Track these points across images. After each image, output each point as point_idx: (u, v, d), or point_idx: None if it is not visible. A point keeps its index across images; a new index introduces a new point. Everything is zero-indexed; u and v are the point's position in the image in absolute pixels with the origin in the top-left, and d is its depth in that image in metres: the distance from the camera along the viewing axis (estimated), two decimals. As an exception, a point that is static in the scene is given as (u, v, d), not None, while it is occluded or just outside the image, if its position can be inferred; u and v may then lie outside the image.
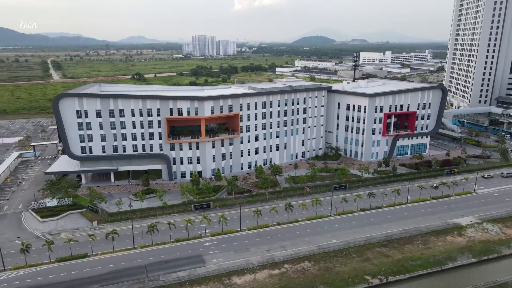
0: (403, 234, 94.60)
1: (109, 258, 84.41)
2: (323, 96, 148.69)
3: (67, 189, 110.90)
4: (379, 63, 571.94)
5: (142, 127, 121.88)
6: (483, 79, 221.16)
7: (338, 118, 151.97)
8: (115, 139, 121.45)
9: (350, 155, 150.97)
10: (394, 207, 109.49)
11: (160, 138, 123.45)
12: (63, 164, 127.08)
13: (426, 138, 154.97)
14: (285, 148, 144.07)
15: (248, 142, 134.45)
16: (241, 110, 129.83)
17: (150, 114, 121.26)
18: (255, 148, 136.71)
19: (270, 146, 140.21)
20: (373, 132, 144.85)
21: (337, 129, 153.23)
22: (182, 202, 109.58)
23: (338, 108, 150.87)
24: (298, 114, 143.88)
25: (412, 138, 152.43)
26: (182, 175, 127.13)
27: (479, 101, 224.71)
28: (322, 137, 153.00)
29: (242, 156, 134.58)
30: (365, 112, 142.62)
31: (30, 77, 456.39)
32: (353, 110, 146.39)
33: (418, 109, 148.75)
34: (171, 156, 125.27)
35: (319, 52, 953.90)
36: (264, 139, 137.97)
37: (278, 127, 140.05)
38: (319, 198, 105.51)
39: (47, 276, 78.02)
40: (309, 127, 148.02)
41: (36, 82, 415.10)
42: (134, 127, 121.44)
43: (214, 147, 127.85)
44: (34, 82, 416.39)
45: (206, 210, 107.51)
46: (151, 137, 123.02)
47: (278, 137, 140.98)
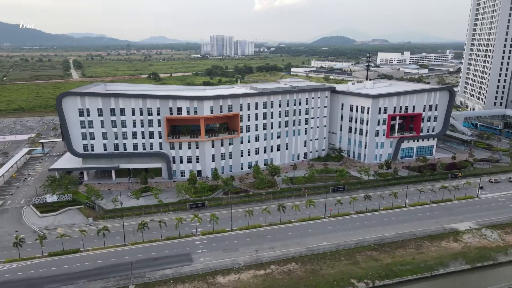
0: (396, 238, 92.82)
1: (99, 254, 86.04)
2: (326, 96, 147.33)
3: (67, 185, 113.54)
4: (397, 64, 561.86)
5: (142, 126, 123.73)
6: (499, 81, 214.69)
7: (341, 119, 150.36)
8: (116, 138, 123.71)
9: (353, 157, 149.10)
10: (392, 211, 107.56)
11: (160, 137, 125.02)
12: (67, 161, 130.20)
13: (433, 140, 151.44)
14: (286, 148, 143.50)
15: (248, 142, 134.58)
16: (241, 110, 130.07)
17: (150, 113, 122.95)
18: (256, 148, 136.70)
19: (271, 146, 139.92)
20: (376, 133, 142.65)
21: (340, 130, 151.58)
22: (178, 200, 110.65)
23: (342, 109, 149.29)
24: (300, 115, 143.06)
25: (417, 141, 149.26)
26: (182, 174, 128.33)
27: (494, 103, 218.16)
28: (325, 138, 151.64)
29: (242, 156, 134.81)
30: (368, 113, 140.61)
31: (50, 76, 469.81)
32: (356, 111, 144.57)
33: (424, 110, 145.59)
34: (171, 155, 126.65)
35: (337, 52, 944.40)
36: (264, 140, 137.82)
37: (279, 128, 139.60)
38: (314, 200, 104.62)
39: (38, 270, 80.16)
40: (311, 128, 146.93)
41: (55, 81, 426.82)
42: (135, 126, 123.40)
43: (213, 147, 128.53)
44: (53, 81, 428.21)
45: (201, 209, 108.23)
46: (151, 136, 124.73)
47: (279, 137, 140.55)
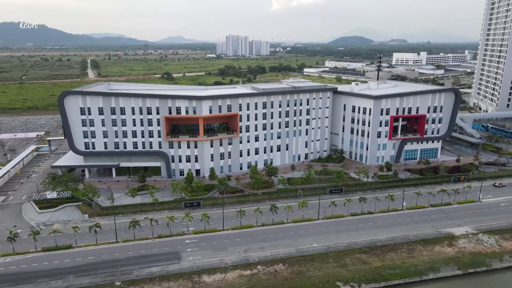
0: (388, 241, 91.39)
1: (91, 250, 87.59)
2: (328, 97, 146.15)
3: (67, 182, 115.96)
4: (413, 64, 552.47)
5: (142, 125, 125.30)
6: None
7: (343, 120, 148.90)
8: (116, 136, 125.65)
9: (355, 158, 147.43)
10: (388, 213, 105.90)
11: (159, 136, 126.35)
12: (70, 159, 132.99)
13: (438, 142, 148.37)
14: (287, 149, 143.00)
15: (247, 142, 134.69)
16: (240, 110, 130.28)
17: (149, 113, 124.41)
18: (255, 148, 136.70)
19: (271, 147, 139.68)
20: (378, 135, 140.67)
21: (342, 131, 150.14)
22: (174, 199, 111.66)
23: (344, 110, 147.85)
24: (301, 115, 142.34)
25: (421, 143, 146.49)
26: (181, 173, 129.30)
27: (508, 105, 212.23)
28: (326, 139, 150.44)
29: (241, 156, 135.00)
30: (370, 114, 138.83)
31: (67, 75, 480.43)
32: (358, 112, 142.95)
33: (428, 112, 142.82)
34: (170, 154, 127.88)
35: (353, 52, 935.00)
36: (264, 140, 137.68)
37: (280, 128, 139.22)
38: (308, 201, 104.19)
39: (30, 264, 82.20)
40: (312, 129, 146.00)
41: (71, 80, 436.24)
42: (135, 125, 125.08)
43: (212, 146, 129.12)
44: (70, 80, 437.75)
45: (196, 208, 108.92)
46: (151, 134, 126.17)
47: (279, 138, 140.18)
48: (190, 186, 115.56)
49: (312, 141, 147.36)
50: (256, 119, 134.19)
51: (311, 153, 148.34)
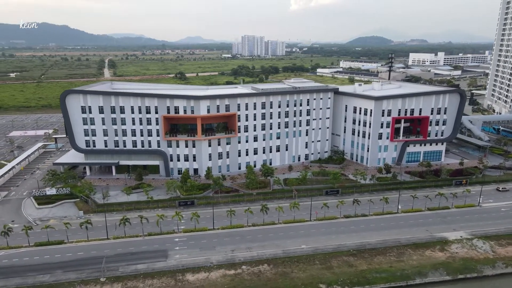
0: (379, 244, 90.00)
1: (82, 246, 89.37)
2: (329, 98, 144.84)
3: (66, 179, 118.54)
4: (430, 65, 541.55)
5: (141, 124, 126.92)
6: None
7: (345, 121, 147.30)
8: (116, 134, 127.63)
9: (356, 160, 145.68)
10: (382, 216, 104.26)
11: (158, 135, 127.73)
12: (72, 156, 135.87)
13: (441, 145, 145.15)
14: (286, 150, 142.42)
15: (246, 142, 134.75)
16: (238, 110, 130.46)
17: (148, 112, 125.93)
18: (254, 148, 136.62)
19: (270, 147, 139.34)
20: (379, 136, 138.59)
21: (344, 132, 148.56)
22: (169, 198, 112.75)
23: (346, 110, 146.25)
24: (301, 116, 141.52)
25: (425, 145, 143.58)
26: (179, 172, 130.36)
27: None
28: (327, 140, 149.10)
29: (240, 156, 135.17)
30: (371, 115, 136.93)
31: (84, 74, 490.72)
32: (359, 113, 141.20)
33: (432, 114, 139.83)
34: (168, 153, 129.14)
35: (370, 53, 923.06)
36: (263, 140, 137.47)
37: (279, 128, 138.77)
38: (302, 202, 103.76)
39: (22, 258, 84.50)
40: (313, 130, 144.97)
41: (87, 79, 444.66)
42: (134, 124, 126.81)
43: (210, 146, 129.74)
44: (86, 79, 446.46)
45: (190, 207, 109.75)
46: (150, 133, 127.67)
47: (278, 138, 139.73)
48: (185, 185, 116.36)
49: (312, 142, 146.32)
50: (255, 119, 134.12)
51: (312, 154, 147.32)
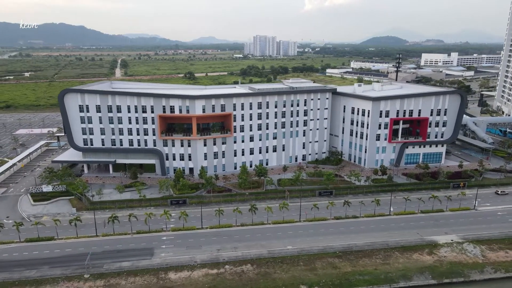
0: (366, 246, 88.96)
1: (70, 243, 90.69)
2: (327, 98, 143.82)
3: (62, 177, 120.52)
4: (442, 66, 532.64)
5: (137, 123, 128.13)
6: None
7: (343, 122, 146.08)
8: (113, 133, 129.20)
9: (354, 161, 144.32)
10: (373, 218, 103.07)
11: (154, 134, 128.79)
12: (70, 154, 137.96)
13: (441, 147, 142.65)
14: (283, 150, 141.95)
15: (242, 142, 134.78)
16: (234, 110, 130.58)
17: (144, 111, 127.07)
18: (250, 148, 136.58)
19: (267, 147, 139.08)
20: (377, 138, 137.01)
21: (342, 133, 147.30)
22: (161, 196, 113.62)
23: (344, 111, 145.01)
24: (298, 116, 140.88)
25: (424, 147, 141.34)
26: (175, 171, 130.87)
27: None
28: (325, 140, 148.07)
29: (235, 155, 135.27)
30: (368, 116, 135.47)
31: (96, 74, 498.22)
32: (357, 113, 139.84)
33: (431, 115, 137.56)
34: (164, 152, 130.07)
35: (383, 53, 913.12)
36: (259, 140, 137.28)
37: (275, 129, 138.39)
38: (294, 203, 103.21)
39: (12, 253, 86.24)
40: (310, 130, 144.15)
41: (98, 79, 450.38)
42: (130, 123, 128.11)
43: (205, 145, 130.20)
44: (97, 78, 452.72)
45: (182, 206, 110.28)
46: (146, 132, 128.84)
47: (275, 138, 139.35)
48: (178, 184, 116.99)
49: (310, 142, 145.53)
50: (251, 119, 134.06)
51: (309, 154, 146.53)
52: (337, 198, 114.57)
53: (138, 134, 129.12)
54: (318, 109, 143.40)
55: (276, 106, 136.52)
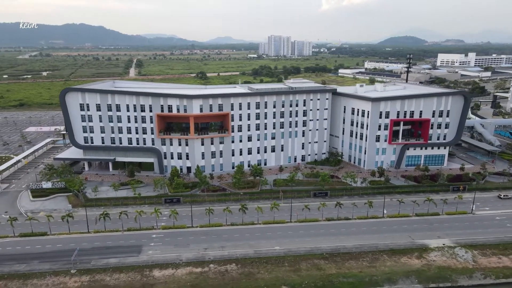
0: (354, 249, 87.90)
1: (62, 238, 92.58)
2: (327, 98, 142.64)
3: (61, 174, 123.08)
4: (459, 66, 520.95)
5: (136, 122, 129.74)
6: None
7: (343, 123, 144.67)
8: (113, 132, 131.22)
9: (354, 162, 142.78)
10: (365, 220, 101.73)
11: (152, 133, 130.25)
12: (72, 152, 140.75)
13: (444, 149, 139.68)
14: (282, 150, 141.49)
15: (240, 141, 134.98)
16: (232, 109, 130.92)
17: (143, 110, 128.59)
18: (248, 148, 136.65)
19: (265, 147, 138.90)
20: (377, 139, 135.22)
21: (343, 134, 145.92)
22: (156, 195, 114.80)
23: (344, 112, 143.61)
24: (297, 116, 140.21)
25: (426, 149, 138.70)
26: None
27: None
28: (325, 141, 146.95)
29: (233, 155, 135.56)
30: (368, 117, 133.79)
31: (110, 73, 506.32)
32: (357, 114, 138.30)
33: (433, 116, 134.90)
34: (162, 150, 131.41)
35: (400, 53, 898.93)
36: (258, 140, 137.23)
37: (274, 129, 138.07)
38: (287, 203, 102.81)
39: (5, 247, 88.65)
40: (310, 130, 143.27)
41: (112, 78, 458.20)
42: (129, 121, 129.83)
43: (203, 145, 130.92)
44: (111, 78, 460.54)
45: (176, 204, 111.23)
46: (144, 131, 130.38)
47: (273, 138, 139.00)
48: (174, 182, 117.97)
49: (309, 143, 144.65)
50: (249, 119, 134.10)
51: (308, 155, 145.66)
52: (332, 199, 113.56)
53: (137, 133, 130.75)
54: (318, 109, 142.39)
55: (274, 106, 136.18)
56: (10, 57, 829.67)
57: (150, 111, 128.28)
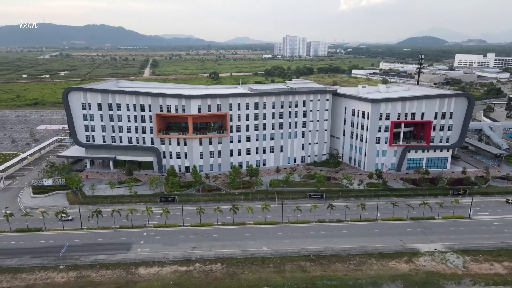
0: (342, 251, 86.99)
1: (55, 235, 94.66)
2: (327, 99, 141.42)
3: (62, 171, 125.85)
4: (477, 67, 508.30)
5: (136, 121, 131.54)
6: None
7: (344, 124, 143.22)
8: (113, 131, 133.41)
9: (354, 164, 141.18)
10: (358, 223, 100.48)
11: (151, 132, 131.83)
12: (75, 150, 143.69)
13: (447, 152, 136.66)
14: (281, 151, 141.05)
15: (238, 142, 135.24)
16: (230, 110, 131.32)
17: (142, 109, 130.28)
18: (247, 148, 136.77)
19: (264, 148, 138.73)
20: (377, 141, 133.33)
21: (343, 135, 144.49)
22: (152, 193, 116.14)
23: (345, 113, 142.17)
24: (297, 117, 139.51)
25: (428, 151, 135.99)
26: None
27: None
28: (326, 142, 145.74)
29: (232, 155, 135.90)
30: (368, 118, 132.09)
31: (125, 73, 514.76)
32: (357, 116, 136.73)
33: (435, 118, 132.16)
34: (161, 150, 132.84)
35: (418, 54, 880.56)
36: (256, 140, 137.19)
37: (273, 129, 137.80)
38: (281, 204, 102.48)
39: (0, 242, 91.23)
40: (310, 131, 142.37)
41: (126, 78, 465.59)
42: (129, 121, 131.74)
43: (201, 144, 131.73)
44: (126, 78, 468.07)
45: (171, 203, 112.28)
46: (144, 130, 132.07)
47: (272, 139, 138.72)
48: (169, 181, 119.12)
49: (309, 144, 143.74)
50: (247, 120, 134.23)
51: (308, 156, 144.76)
52: (327, 201, 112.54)
53: (137, 132, 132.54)
54: (318, 110, 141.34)
55: (273, 107, 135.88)
56: (32, 57, 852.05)
57: (150, 111, 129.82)
